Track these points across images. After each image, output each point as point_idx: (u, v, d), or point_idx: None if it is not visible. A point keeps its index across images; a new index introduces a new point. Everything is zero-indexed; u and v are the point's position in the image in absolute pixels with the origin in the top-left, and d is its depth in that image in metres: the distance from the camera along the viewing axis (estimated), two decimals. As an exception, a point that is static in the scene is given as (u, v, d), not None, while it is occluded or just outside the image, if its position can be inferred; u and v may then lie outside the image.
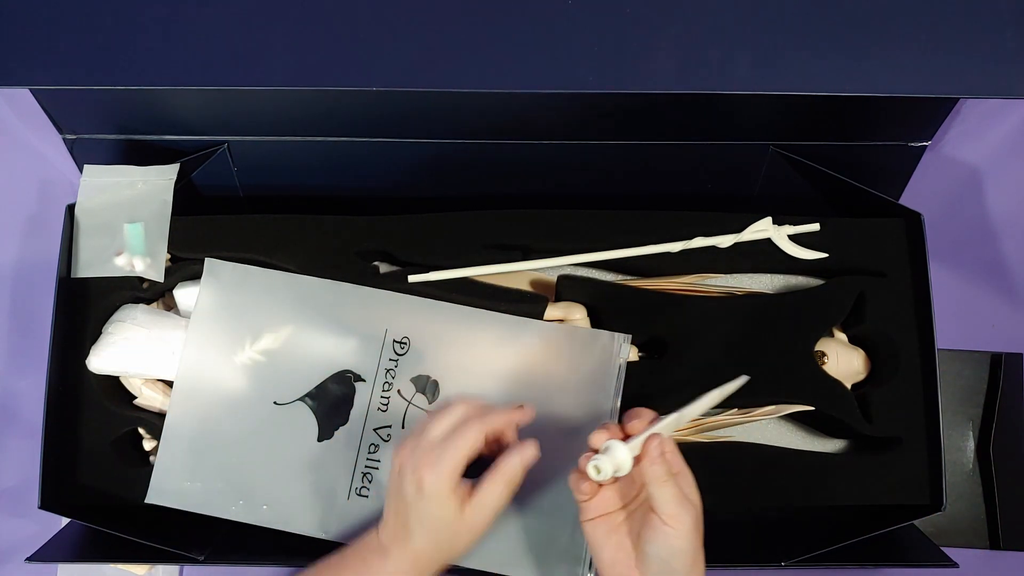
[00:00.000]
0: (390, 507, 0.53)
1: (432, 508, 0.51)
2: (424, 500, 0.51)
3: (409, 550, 0.52)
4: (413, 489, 0.51)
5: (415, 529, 0.52)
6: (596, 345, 0.63)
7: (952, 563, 0.64)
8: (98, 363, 0.63)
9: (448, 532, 0.52)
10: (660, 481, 0.49)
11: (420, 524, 0.51)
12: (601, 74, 0.54)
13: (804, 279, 0.71)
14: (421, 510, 0.51)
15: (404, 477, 0.52)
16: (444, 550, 0.52)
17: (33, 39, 0.54)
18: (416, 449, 0.52)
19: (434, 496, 0.51)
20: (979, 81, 0.54)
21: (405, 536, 0.52)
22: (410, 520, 0.52)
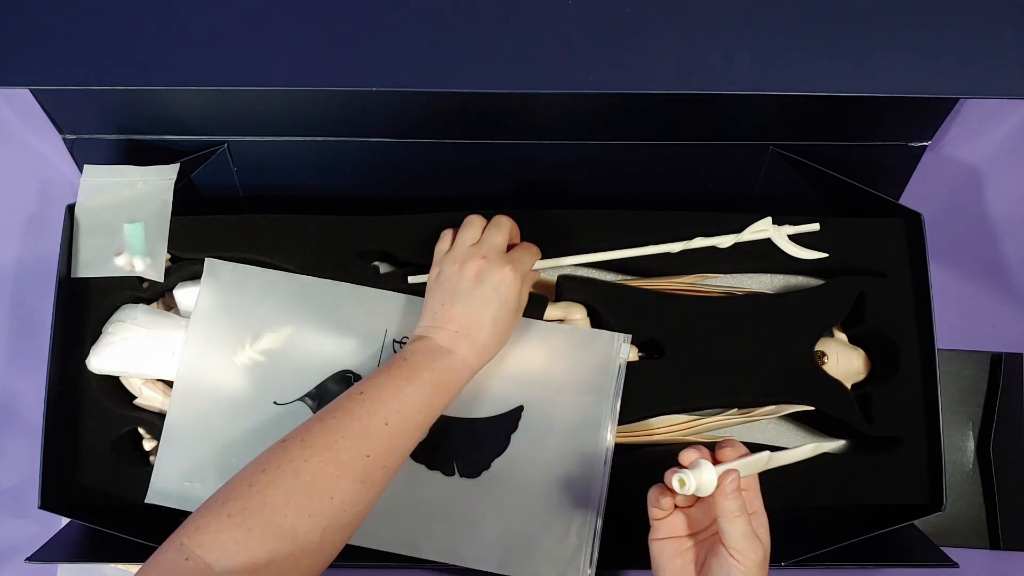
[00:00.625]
0: (453, 313, 0.57)
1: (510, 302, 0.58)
2: (502, 297, 0.57)
3: (477, 344, 0.57)
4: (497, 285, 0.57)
5: (486, 325, 0.57)
6: (596, 345, 0.63)
7: (952, 563, 0.64)
8: (98, 363, 0.63)
9: (508, 323, 0.58)
10: (733, 515, 0.50)
11: (493, 320, 0.57)
12: (601, 74, 0.54)
13: (804, 279, 0.71)
14: (499, 305, 0.57)
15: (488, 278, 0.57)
16: (500, 342, 0.58)
17: (33, 39, 0.54)
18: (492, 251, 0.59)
19: (514, 294, 0.58)
20: (979, 81, 0.54)
21: (473, 333, 0.57)
22: (483, 318, 0.57)
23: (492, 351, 0.58)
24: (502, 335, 0.58)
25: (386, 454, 0.52)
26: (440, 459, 0.62)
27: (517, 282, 0.58)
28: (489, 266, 0.58)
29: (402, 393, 0.54)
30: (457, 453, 0.62)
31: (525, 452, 0.62)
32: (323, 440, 0.51)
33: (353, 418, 0.52)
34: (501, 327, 0.58)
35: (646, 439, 0.66)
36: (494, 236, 0.60)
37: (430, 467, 0.62)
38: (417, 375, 0.55)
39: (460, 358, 0.56)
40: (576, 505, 0.61)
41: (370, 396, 0.53)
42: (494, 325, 0.57)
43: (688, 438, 0.66)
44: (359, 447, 0.51)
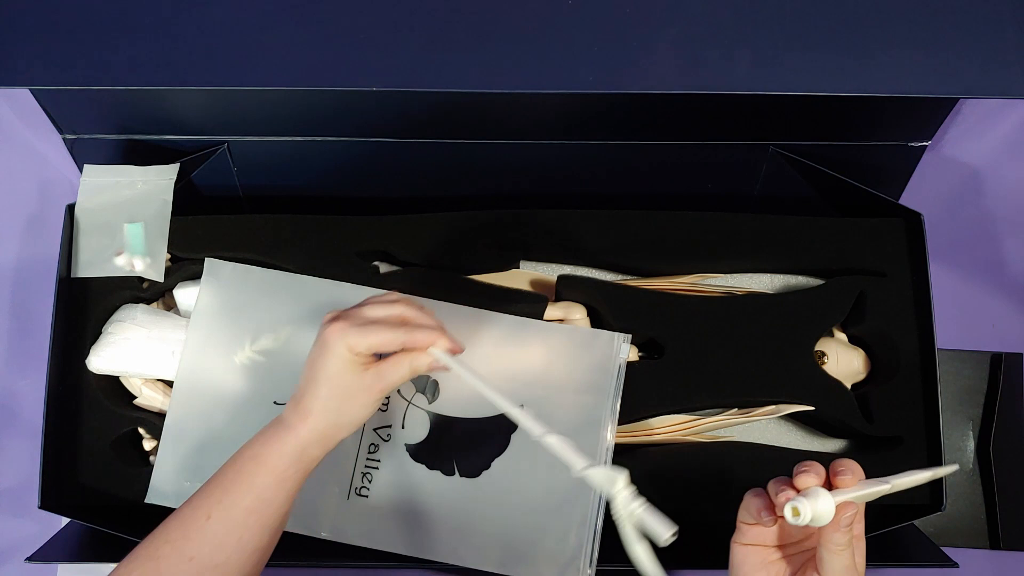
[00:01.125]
0: (300, 382, 0.52)
1: (329, 366, 0.50)
2: (325, 357, 0.50)
3: (304, 415, 0.51)
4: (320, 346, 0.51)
5: (309, 389, 0.51)
6: (596, 345, 0.63)
7: (952, 563, 0.64)
8: (98, 363, 0.63)
9: (343, 392, 0.51)
10: (840, 548, 0.45)
11: (314, 381, 0.51)
12: (601, 74, 0.54)
13: (804, 279, 0.71)
14: (321, 363, 0.50)
15: (320, 335, 0.51)
16: (334, 411, 0.51)
17: (33, 39, 0.54)
18: (342, 314, 0.52)
19: (333, 355, 0.50)
20: (979, 81, 0.54)
21: (303, 401, 0.51)
22: (308, 381, 0.51)
23: (319, 421, 0.51)
24: (330, 403, 0.51)
25: (213, 552, 0.47)
26: (440, 459, 0.62)
27: (339, 344, 0.50)
28: (329, 323, 0.51)
29: (224, 479, 0.50)
30: (457, 453, 0.62)
31: (525, 452, 0.62)
32: (145, 551, 0.47)
33: (178, 518, 0.48)
34: (325, 392, 0.50)
35: (646, 439, 0.66)
36: (367, 307, 0.53)
37: (430, 467, 0.62)
38: (241, 454, 0.51)
39: (285, 427, 0.51)
40: (576, 505, 0.61)
41: (199, 491, 0.50)
42: (316, 388, 0.51)
43: (688, 438, 0.66)
44: (180, 550, 0.47)
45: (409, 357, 0.52)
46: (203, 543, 0.48)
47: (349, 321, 0.51)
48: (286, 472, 0.50)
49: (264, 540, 0.50)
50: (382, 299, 0.53)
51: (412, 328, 0.52)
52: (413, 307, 0.53)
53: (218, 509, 0.48)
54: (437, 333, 0.52)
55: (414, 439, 0.63)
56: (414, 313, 0.53)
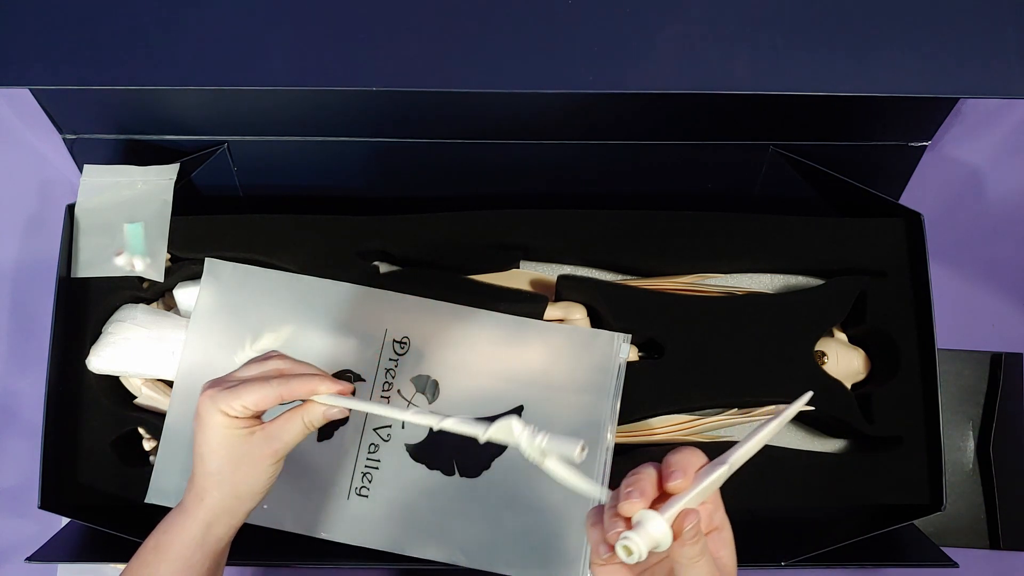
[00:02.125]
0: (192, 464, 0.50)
1: (209, 435, 0.48)
2: (204, 429, 0.48)
3: (205, 499, 0.49)
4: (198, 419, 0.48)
5: (200, 467, 0.49)
6: (596, 345, 0.63)
7: (952, 563, 0.64)
8: (98, 363, 0.63)
9: (231, 462, 0.48)
10: (693, 561, 0.40)
11: (200, 461, 0.48)
12: (601, 74, 0.54)
13: (804, 279, 0.71)
14: (201, 439, 0.48)
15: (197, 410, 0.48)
16: (228, 484, 0.49)
17: (33, 39, 0.54)
18: (214, 382, 0.49)
19: (211, 429, 0.48)
20: (979, 81, 0.54)
21: (193, 478, 0.49)
22: (196, 459, 0.49)
23: (219, 498, 0.49)
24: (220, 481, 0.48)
25: None
26: (440, 459, 0.62)
27: (214, 416, 0.47)
28: (202, 395, 0.49)
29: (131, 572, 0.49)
30: (457, 453, 0.62)
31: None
32: None
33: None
34: (212, 468, 0.48)
35: (646, 439, 0.66)
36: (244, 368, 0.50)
37: (430, 467, 0.62)
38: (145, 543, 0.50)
39: (183, 512, 0.50)
40: (575, 505, 0.61)
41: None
42: (207, 466, 0.48)
43: (688, 438, 0.66)
44: None
45: (300, 412, 0.49)
46: None
47: (219, 386, 0.48)
48: (192, 558, 0.49)
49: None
50: (256, 359, 0.51)
51: (288, 379, 0.49)
52: (288, 360, 0.50)
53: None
54: (316, 380, 0.49)
55: (414, 439, 0.63)
56: (289, 364, 0.50)
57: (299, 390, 0.49)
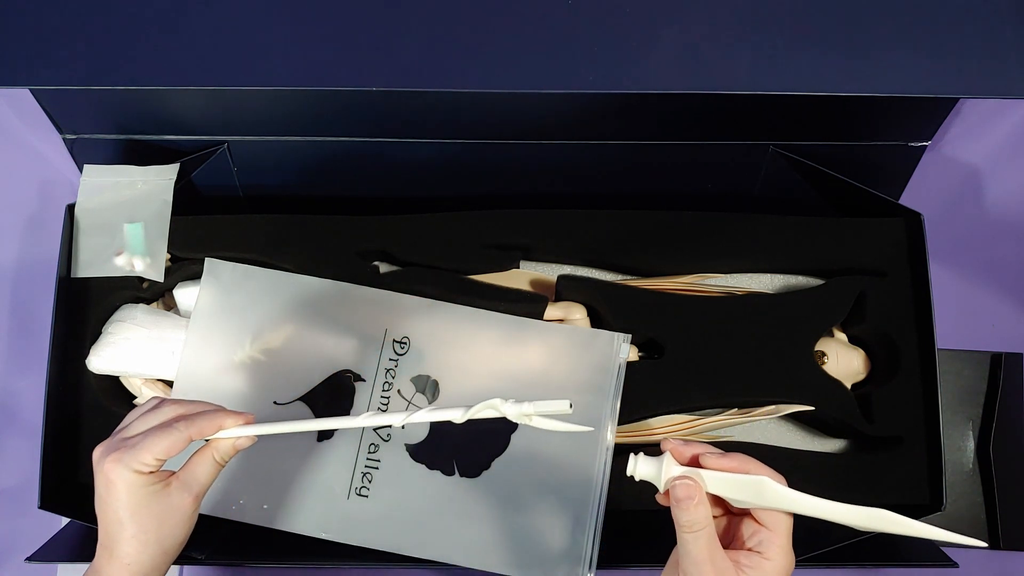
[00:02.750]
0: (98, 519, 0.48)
1: (123, 506, 0.46)
2: (114, 497, 0.46)
3: (121, 561, 0.47)
4: (105, 485, 0.46)
5: (117, 534, 0.46)
6: (595, 345, 0.63)
7: (952, 563, 0.64)
8: (98, 363, 0.63)
9: (154, 520, 0.47)
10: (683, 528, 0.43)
11: (118, 526, 0.46)
12: (601, 74, 0.54)
13: (804, 279, 0.71)
14: (115, 510, 0.46)
15: (98, 474, 0.47)
16: (154, 543, 0.47)
17: (33, 39, 0.54)
18: (108, 444, 0.47)
19: (123, 492, 0.46)
20: (979, 81, 0.54)
21: (112, 547, 0.47)
22: (110, 526, 0.47)
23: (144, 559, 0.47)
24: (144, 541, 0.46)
25: None
26: (440, 459, 0.62)
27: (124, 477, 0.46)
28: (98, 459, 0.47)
29: None
30: (457, 453, 0.62)
31: (525, 452, 0.62)
32: None
33: None
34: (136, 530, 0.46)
35: (646, 439, 0.66)
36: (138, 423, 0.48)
37: (430, 467, 0.62)
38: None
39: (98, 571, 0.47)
40: (576, 505, 0.61)
41: None
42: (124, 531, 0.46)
43: (688, 438, 0.66)
44: None
45: (209, 450, 0.48)
46: None
47: (120, 447, 0.46)
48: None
49: None
50: (142, 409, 0.49)
51: (191, 419, 0.47)
52: (180, 402, 0.49)
53: None
54: (220, 414, 0.48)
55: (414, 439, 0.63)
56: (185, 407, 0.49)
57: (207, 428, 0.48)
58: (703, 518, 0.43)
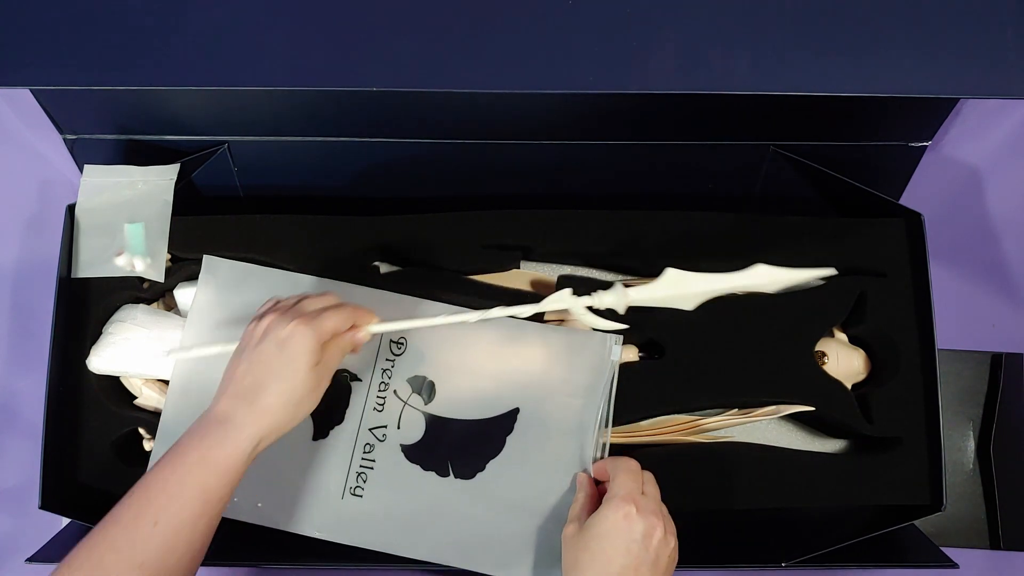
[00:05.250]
0: (236, 374, 0.53)
1: (296, 357, 0.51)
2: (288, 354, 0.51)
3: (258, 410, 0.51)
4: (278, 343, 0.52)
5: (268, 386, 0.51)
6: (589, 346, 0.63)
7: (952, 563, 0.64)
8: (98, 363, 0.63)
9: (300, 388, 0.52)
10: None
11: (276, 377, 0.52)
12: (601, 74, 0.54)
13: (804, 279, 0.71)
14: (283, 360, 0.52)
15: (274, 333, 0.52)
16: (293, 404, 0.52)
17: (33, 39, 0.54)
18: (288, 313, 0.53)
19: (302, 351, 0.51)
20: (979, 81, 0.54)
21: (255, 395, 0.51)
22: (266, 377, 0.52)
23: (280, 417, 0.52)
24: (291, 397, 0.52)
25: (163, 557, 0.47)
26: (435, 460, 0.62)
27: (306, 336, 0.52)
28: (278, 319, 0.53)
29: (167, 484, 0.49)
30: (452, 454, 0.62)
31: (520, 454, 0.62)
32: (89, 561, 0.46)
33: (119, 526, 0.47)
34: (287, 387, 0.52)
35: (647, 439, 0.66)
36: (304, 301, 0.55)
37: (425, 468, 0.62)
38: (183, 459, 0.50)
39: (235, 426, 0.51)
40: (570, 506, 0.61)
41: (138, 495, 0.49)
42: (278, 384, 0.51)
43: (689, 438, 0.66)
44: (128, 558, 0.46)
45: (342, 340, 0.55)
46: (151, 549, 0.47)
47: (303, 316, 0.53)
48: (237, 471, 0.51)
49: (210, 534, 0.50)
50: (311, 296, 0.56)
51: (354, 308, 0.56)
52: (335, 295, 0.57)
53: (165, 515, 0.48)
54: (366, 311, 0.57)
55: (409, 440, 0.63)
56: (338, 298, 0.56)
57: (363, 318, 0.56)
58: None
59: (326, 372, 0.54)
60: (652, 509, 0.54)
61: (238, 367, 0.53)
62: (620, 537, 0.52)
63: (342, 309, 0.55)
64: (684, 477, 0.64)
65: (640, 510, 0.53)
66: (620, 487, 0.55)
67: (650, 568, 0.52)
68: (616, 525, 0.53)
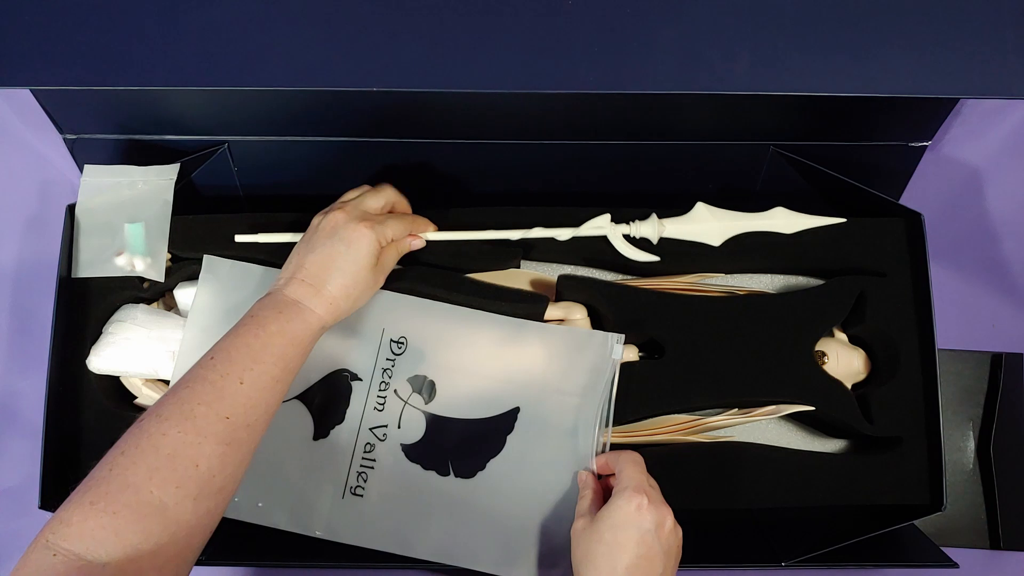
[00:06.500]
0: (305, 263, 0.58)
1: (360, 257, 0.58)
2: (353, 253, 0.58)
3: (326, 296, 0.57)
4: (346, 241, 0.58)
5: (334, 276, 0.57)
6: (590, 346, 0.63)
7: (952, 563, 0.64)
8: (98, 363, 0.63)
9: (361, 282, 0.58)
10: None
11: (341, 271, 0.57)
12: (601, 74, 0.54)
13: (804, 279, 0.71)
14: (349, 258, 0.58)
15: (343, 227, 0.58)
16: (353, 298, 0.58)
17: (33, 39, 0.54)
18: (356, 209, 0.60)
19: (365, 252, 0.58)
20: (979, 81, 0.54)
21: (323, 284, 0.57)
22: (332, 270, 0.57)
23: (342, 306, 0.58)
24: (352, 291, 0.58)
25: (246, 412, 0.52)
26: (435, 459, 0.62)
27: (370, 239, 0.58)
28: (346, 219, 0.59)
29: (251, 349, 0.53)
30: (453, 453, 0.62)
31: (520, 453, 0.62)
32: (179, 411, 0.50)
33: (207, 383, 0.51)
34: (350, 282, 0.58)
35: (647, 439, 0.66)
36: (367, 199, 0.61)
37: (425, 467, 0.62)
38: (263, 328, 0.54)
39: (307, 308, 0.56)
40: (570, 506, 0.61)
41: (220, 358, 0.53)
42: (342, 278, 0.57)
43: (688, 438, 0.66)
44: (216, 410, 0.50)
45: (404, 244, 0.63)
46: (237, 404, 0.52)
47: (370, 219, 0.59)
48: (308, 346, 0.56)
49: (280, 399, 0.55)
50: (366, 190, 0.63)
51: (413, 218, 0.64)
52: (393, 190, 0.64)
53: (249, 376, 0.53)
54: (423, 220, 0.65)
55: (410, 439, 0.63)
56: (394, 194, 0.64)
57: (421, 228, 0.64)
58: None
59: (381, 273, 0.61)
60: (661, 499, 0.55)
61: (307, 256, 0.58)
62: (633, 527, 0.53)
63: (403, 219, 0.62)
64: (684, 477, 0.64)
65: (651, 501, 0.54)
66: (629, 479, 0.56)
67: (662, 557, 0.53)
68: (629, 516, 0.54)
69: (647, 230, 0.65)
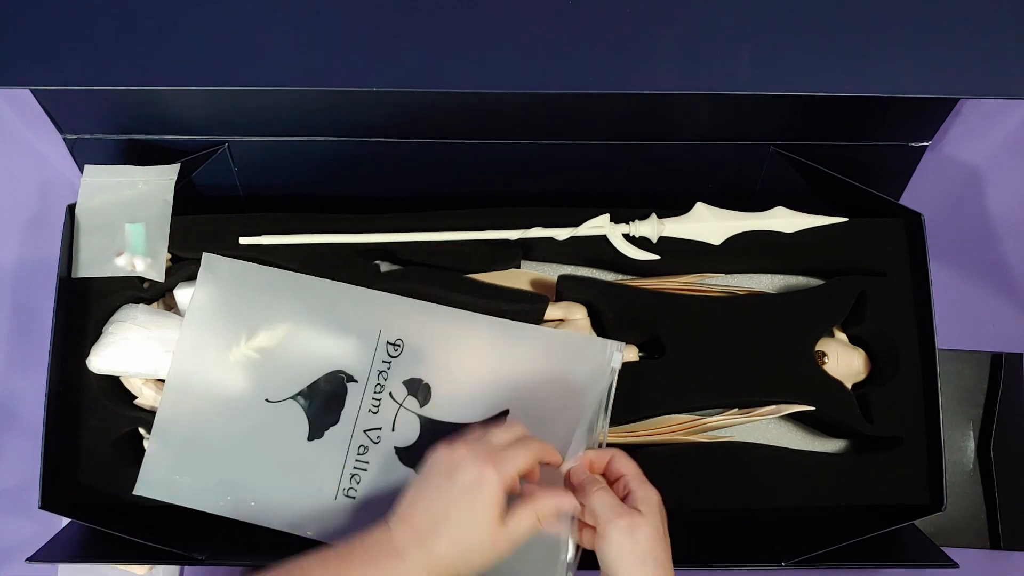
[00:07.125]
0: (418, 505, 0.51)
1: (475, 510, 0.49)
2: (470, 500, 0.49)
3: (430, 555, 0.49)
4: (476, 484, 0.49)
5: (445, 532, 0.49)
6: (588, 352, 0.63)
7: (952, 563, 0.64)
8: (98, 363, 0.63)
9: (476, 543, 0.49)
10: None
11: (454, 526, 0.49)
12: (601, 74, 0.54)
13: (804, 279, 0.71)
14: (463, 510, 0.49)
15: (461, 472, 0.50)
16: (463, 560, 0.49)
17: (33, 39, 0.54)
18: (478, 448, 0.51)
19: (485, 498, 0.49)
20: (979, 81, 0.54)
21: (429, 538, 0.49)
22: (443, 521, 0.49)
23: (449, 568, 0.49)
24: (462, 550, 0.49)
25: None
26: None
27: (494, 486, 0.49)
28: (470, 458, 0.50)
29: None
30: None
31: None
32: None
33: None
34: (460, 538, 0.49)
35: (647, 439, 0.66)
36: (498, 434, 0.53)
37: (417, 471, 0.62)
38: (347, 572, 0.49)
39: (403, 560, 0.49)
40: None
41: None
42: (453, 532, 0.49)
43: (689, 438, 0.66)
44: None
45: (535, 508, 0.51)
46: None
47: (493, 458, 0.50)
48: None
49: None
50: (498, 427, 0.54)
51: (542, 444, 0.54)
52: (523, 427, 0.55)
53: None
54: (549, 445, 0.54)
55: (404, 442, 0.62)
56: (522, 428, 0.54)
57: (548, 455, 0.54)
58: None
59: (503, 544, 0.50)
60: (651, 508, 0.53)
61: (421, 499, 0.51)
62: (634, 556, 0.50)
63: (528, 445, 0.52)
64: (684, 477, 0.64)
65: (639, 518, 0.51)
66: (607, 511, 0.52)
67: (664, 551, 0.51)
68: (623, 548, 0.50)
69: (646, 229, 0.64)
